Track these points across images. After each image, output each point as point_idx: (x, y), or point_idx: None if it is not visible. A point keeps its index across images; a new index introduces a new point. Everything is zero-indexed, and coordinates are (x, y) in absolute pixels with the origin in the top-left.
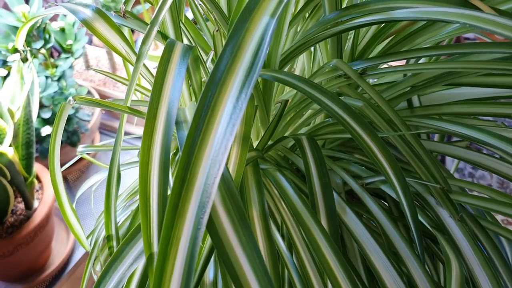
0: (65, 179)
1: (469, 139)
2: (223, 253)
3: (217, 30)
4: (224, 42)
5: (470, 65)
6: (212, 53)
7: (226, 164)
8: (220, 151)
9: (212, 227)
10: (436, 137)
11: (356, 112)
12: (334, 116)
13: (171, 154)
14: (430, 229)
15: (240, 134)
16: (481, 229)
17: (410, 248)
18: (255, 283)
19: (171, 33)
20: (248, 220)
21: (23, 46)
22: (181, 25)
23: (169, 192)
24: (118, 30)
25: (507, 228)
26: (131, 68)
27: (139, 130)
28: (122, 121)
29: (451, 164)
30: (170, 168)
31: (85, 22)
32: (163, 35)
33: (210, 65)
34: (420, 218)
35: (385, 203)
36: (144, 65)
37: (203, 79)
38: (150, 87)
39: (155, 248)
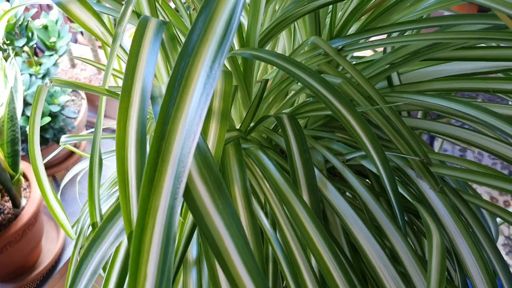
0: (53, 178)
1: (450, 114)
2: (201, 221)
3: (193, 9)
4: None
5: (453, 36)
6: None
7: (205, 141)
8: (195, 121)
9: (189, 196)
10: (419, 114)
11: (336, 88)
12: (313, 92)
13: (148, 135)
14: (411, 201)
15: (218, 111)
16: (462, 202)
17: (393, 222)
18: (233, 249)
19: (147, 13)
20: (225, 188)
21: (4, 42)
22: (157, 5)
23: None
24: (93, 11)
25: (488, 201)
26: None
27: None
28: (101, 105)
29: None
30: (147, 145)
31: (60, 5)
32: (138, 16)
33: None
34: (401, 191)
35: (368, 181)
36: (121, 47)
37: None
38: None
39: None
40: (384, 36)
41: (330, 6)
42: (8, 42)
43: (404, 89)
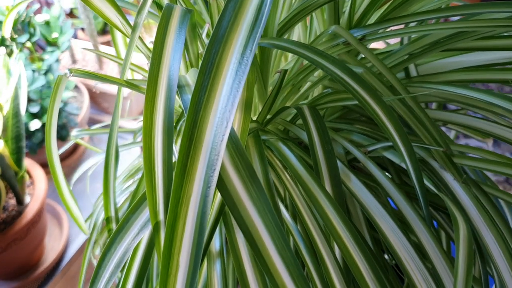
0: None
1: (470, 104)
2: (234, 210)
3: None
4: (220, 12)
5: (478, 24)
6: (207, 26)
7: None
8: (227, 108)
9: (222, 184)
10: (434, 106)
11: (361, 77)
12: (338, 81)
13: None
14: (437, 192)
15: (242, 100)
16: (482, 192)
17: (417, 214)
18: (267, 237)
19: (166, 2)
20: (257, 176)
21: (11, 37)
22: None
23: (174, 158)
24: (112, 2)
25: (506, 192)
26: (120, 45)
27: (126, 123)
28: (119, 96)
29: None
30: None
31: None
32: (158, 5)
33: (206, 39)
34: (426, 183)
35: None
36: (140, 37)
37: (200, 51)
38: (141, 65)
39: (161, 216)
40: (402, 26)
41: None
42: (11, 38)
43: (422, 80)
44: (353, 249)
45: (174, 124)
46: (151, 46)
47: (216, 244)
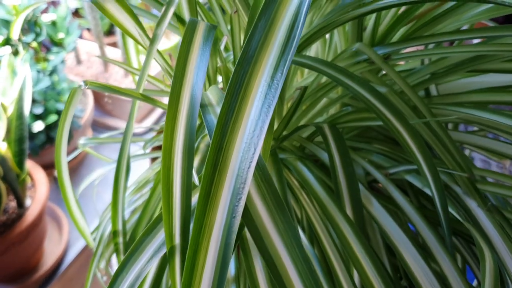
0: (54, 179)
1: (492, 127)
2: (260, 243)
3: (235, 12)
4: (243, 24)
5: (501, 48)
6: (225, 39)
7: None
8: (256, 133)
9: (247, 214)
10: (450, 126)
11: (386, 98)
12: (362, 101)
13: None
14: (461, 220)
15: None
16: (503, 219)
17: (439, 241)
18: (295, 274)
19: (187, 15)
20: (285, 207)
21: (19, 38)
22: (198, 8)
23: (194, 179)
24: (130, 11)
25: None
26: (132, 53)
27: (136, 127)
28: (133, 108)
29: None
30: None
31: (97, 4)
32: (178, 18)
33: (223, 52)
34: (451, 210)
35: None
36: (158, 50)
37: (218, 65)
38: (156, 75)
39: (177, 240)
40: (425, 46)
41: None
42: (19, 38)
43: (442, 100)
44: (373, 277)
45: None
46: (166, 55)
47: (231, 268)
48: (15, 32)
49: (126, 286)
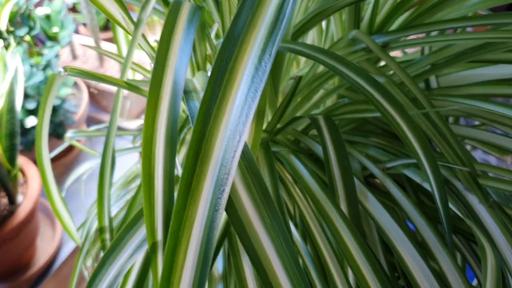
0: None
1: (493, 120)
2: (245, 238)
3: None
4: (234, 10)
5: (506, 35)
6: (216, 26)
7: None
8: (241, 120)
9: (232, 208)
10: (451, 120)
11: (386, 88)
12: (360, 91)
13: None
14: (462, 217)
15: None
16: (505, 216)
17: (439, 238)
18: (282, 272)
19: None
20: (272, 199)
21: (7, 30)
22: None
23: (176, 171)
24: None
25: None
26: (122, 43)
27: (126, 124)
28: (118, 97)
29: None
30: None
31: None
32: (164, 1)
33: (214, 40)
34: (451, 206)
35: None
36: (143, 35)
37: (208, 53)
38: (144, 65)
39: (160, 236)
40: (424, 34)
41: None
42: (9, 31)
43: (443, 92)
44: (369, 275)
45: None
46: (155, 44)
47: (219, 266)
48: (2, 23)
49: (106, 284)
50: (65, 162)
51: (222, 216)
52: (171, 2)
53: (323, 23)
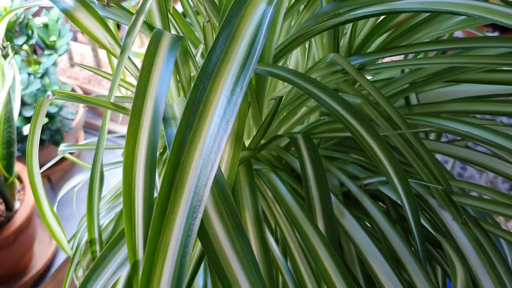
0: (48, 179)
1: (471, 138)
2: (216, 264)
3: (207, 21)
4: (215, 34)
5: (476, 60)
6: (202, 47)
7: (218, 167)
8: (213, 150)
9: (204, 234)
10: (433, 136)
11: (357, 110)
12: (333, 114)
13: (158, 153)
14: (434, 233)
15: (233, 132)
16: (482, 232)
17: (412, 254)
18: None
19: (158, 24)
20: (243, 226)
21: (3, 40)
22: (169, 16)
23: (156, 195)
24: (101, 20)
25: (508, 231)
26: (116, 63)
27: (123, 129)
28: (105, 118)
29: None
30: (157, 170)
31: (66, 12)
32: (149, 26)
33: (199, 60)
34: (423, 222)
35: (383, 205)
36: (130, 58)
37: (192, 74)
38: (136, 83)
39: (141, 255)
40: (404, 55)
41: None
42: (7, 40)
43: (422, 109)
44: None
45: (159, 153)
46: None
47: (199, 282)
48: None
49: None
50: (63, 166)
51: (194, 241)
52: (153, 31)
53: (307, 44)
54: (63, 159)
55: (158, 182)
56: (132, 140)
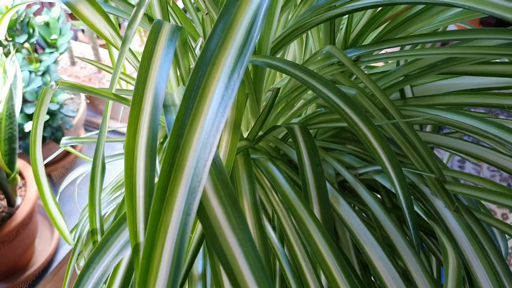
0: (49, 176)
1: (464, 129)
2: (215, 240)
3: (206, 14)
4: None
5: (471, 51)
6: (201, 40)
7: (216, 151)
8: (212, 133)
9: (203, 213)
10: (428, 128)
11: (352, 100)
12: (329, 103)
13: (158, 142)
14: (427, 220)
15: (231, 121)
16: (475, 220)
17: (406, 241)
18: (248, 272)
19: (158, 16)
20: (239, 205)
21: (5, 37)
22: (169, 8)
23: (156, 179)
24: (103, 12)
25: (500, 220)
26: (116, 55)
27: (123, 128)
28: (107, 109)
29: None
30: (157, 155)
31: (69, 4)
32: (149, 19)
33: (199, 53)
34: (416, 210)
35: (378, 195)
36: (130, 50)
37: (191, 66)
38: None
39: (141, 238)
40: (400, 47)
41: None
42: (9, 38)
43: (417, 102)
44: (339, 278)
45: (160, 142)
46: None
47: (198, 266)
48: (1, 32)
49: (92, 284)
50: (64, 164)
51: (193, 220)
52: (153, 22)
53: (304, 36)
54: (64, 156)
55: (159, 168)
56: (133, 126)
